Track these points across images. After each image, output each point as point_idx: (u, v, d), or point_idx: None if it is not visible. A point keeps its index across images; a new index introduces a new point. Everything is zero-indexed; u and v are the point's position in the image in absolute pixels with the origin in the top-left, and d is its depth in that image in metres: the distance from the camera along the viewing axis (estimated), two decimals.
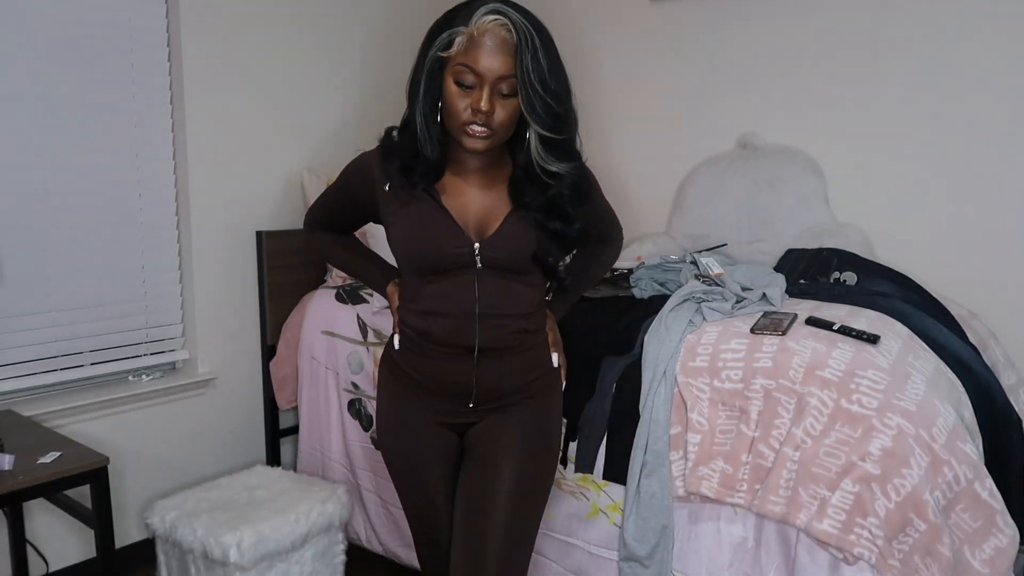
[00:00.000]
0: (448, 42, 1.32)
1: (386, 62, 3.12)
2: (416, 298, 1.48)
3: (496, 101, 1.34)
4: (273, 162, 2.78)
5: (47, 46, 2.24)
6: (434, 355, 1.48)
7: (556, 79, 1.35)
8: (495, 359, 1.47)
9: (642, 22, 2.98)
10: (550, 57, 1.34)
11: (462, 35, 1.31)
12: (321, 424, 2.57)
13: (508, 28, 1.31)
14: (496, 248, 1.42)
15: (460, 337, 1.45)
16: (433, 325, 1.45)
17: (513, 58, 1.31)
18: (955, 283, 2.40)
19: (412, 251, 1.45)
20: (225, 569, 2.01)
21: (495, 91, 1.33)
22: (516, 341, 1.48)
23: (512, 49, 1.31)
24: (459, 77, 1.33)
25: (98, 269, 2.40)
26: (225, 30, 2.59)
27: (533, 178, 1.43)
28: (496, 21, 1.30)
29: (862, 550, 1.55)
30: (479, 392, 1.49)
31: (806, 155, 2.64)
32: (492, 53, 1.30)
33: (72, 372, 2.38)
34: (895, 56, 2.49)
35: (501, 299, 1.45)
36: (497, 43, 1.30)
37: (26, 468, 1.76)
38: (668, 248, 2.75)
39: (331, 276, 2.78)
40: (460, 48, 1.32)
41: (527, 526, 1.52)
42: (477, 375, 1.47)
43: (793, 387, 1.69)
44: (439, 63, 1.35)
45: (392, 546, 2.40)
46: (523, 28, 1.31)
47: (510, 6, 1.33)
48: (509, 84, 1.33)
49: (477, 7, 1.31)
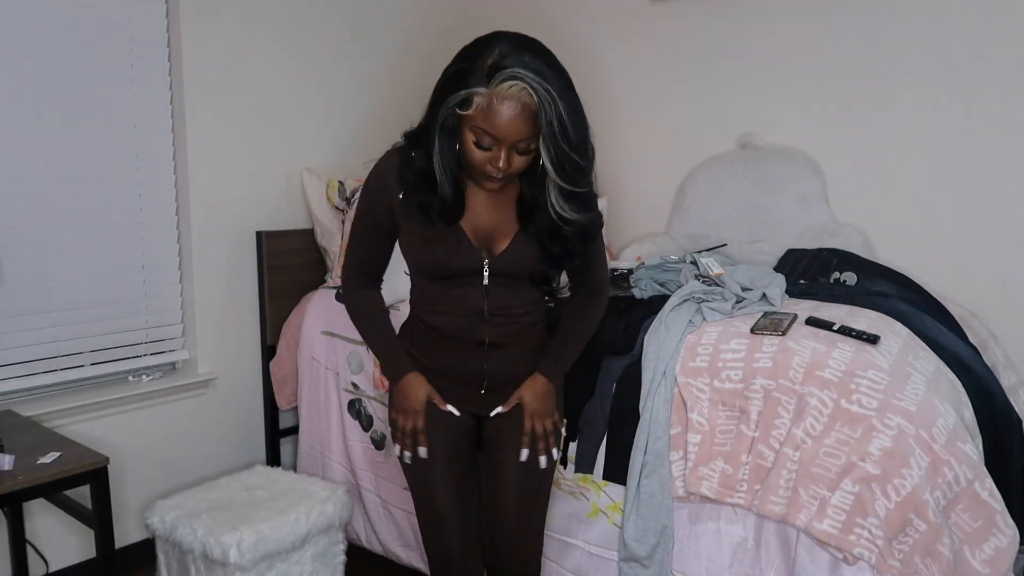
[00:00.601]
0: (466, 100, 1.33)
1: (386, 62, 3.12)
2: (428, 298, 1.59)
3: (514, 156, 1.38)
4: (273, 162, 2.78)
5: (47, 46, 2.24)
6: (447, 348, 1.59)
7: (579, 134, 1.35)
8: (503, 349, 1.59)
9: (642, 22, 2.98)
10: (571, 111, 1.33)
11: (481, 97, 1.31)
12: (321, 424, 2.57)
13: (528, 92, 1.30)
14: (504, 264, 1.52)
15: (469, 333, 1.56)
16: (444, 322, 1.57)
17: (533, 124, 1.33)
18: (955, 283, 2.39)
19: (422, 261, 1.55)
20: (225, 569, 2.01)
21: (513, 148, 1.36)
22: (522, 334, 1.60)
23: (532, 116, 1.32)
24: (478, 139, 1.35)
25: (98, 269, 2.40)
26: (225, 30, 2.59)
27: (541, 206, 1.48)
28: (515, 86, 1.29)
29: (862, 550, 1.55)
30: (490, 379, 1.60)
31: (806, 155, 2.64)
32: (512, 121, 1.31)
33: (72, 372, 2.38)
34: (895, 56, 2.49)
35: (507, 301, 1.56)
36: (518, 111, 1.31)
37: (26, 468, 1.77)
38: (668, 248, 2.75)
39: (331, 276, 2.78)
40: (478, 111, 1.32)
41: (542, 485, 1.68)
42: (488, 365, 1.59)
43: (793, 387, 1.69)
44: (457, 118, 1.36)
45: (392, 546, 2.40)
46: (543, 92, 1.29)
47: (526, 56, 1.30)
48: (528, 143, 1.36)
49: (496, 70, 1.30)
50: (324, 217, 2.78)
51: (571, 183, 1.40)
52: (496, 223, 1.52)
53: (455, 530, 1.63)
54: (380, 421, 2.40)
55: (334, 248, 2.79)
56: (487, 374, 1.59)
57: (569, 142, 1.33)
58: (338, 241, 2.78)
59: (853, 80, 2.56)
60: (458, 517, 1.64)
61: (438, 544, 1.66)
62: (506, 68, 1.29)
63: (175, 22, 2.49)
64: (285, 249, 2.76)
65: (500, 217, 1.52)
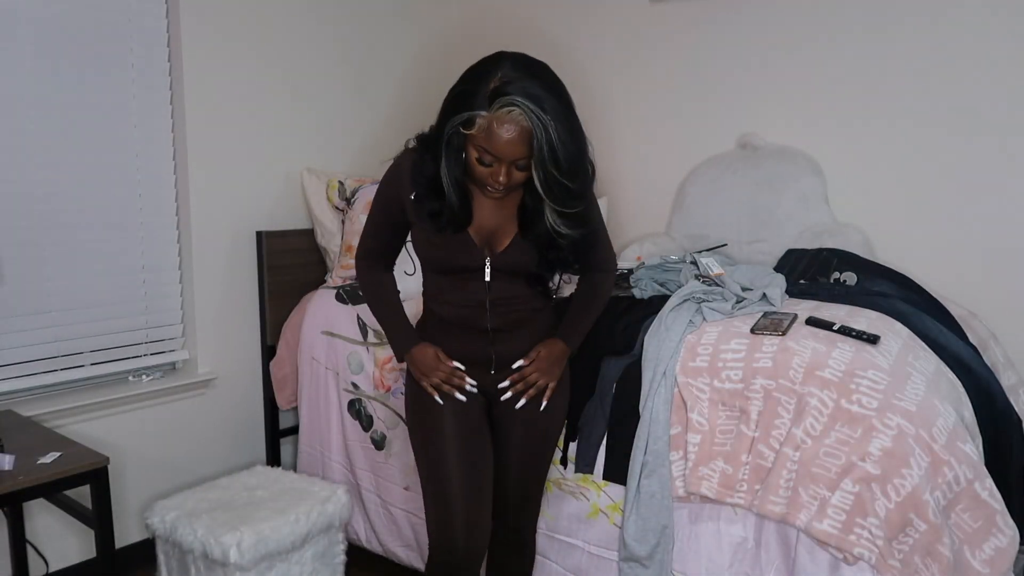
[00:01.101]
0: (469, 120, 1.44)
1: (386, 63, 3.12)
2: (437, 290, 1.73)
3: (513, 171, 1.49)
4: (273, 162, 2.78)
5: (47, 46, 2.24)
6: (456, 334, 1.71)
7: (570, 159, 1.44)
8: (507, 333, 1.70)
9: (642, 22, 2.98)
10: (565, 136, 1.42)
11: (482, 119, 1.43)
12: (321, 424, 2.57)
13: (524, 118, 1.41)
14: (504, 263, 1.64)
15: (474, 321, 1.68)
16: (451, 312, 1.70)
17: (528, 146, 1.43)
18: (955, 283, 2.40)
19: (430, 258, 1.69)
20: (225, 569, 2.01)
21: (513, 165, 1.48)
22: (525, 320, 1.72)
23: (528, 138, 1.42)
24: (480, 156, 1.47)
25: (98, 269, 2.40)
26: (225, 30, 2.59)
27: (539, 216, 1.58)
28: (513, 112, 1.40)
29: (862, 550, 1.55)
30: (497, 360, 1.72)
31: (806, 155, 2.64)
32: (511, 143, 1.43)
33: (72, 372, 2.38)
34: (895, 56, 2.49)
35: (508, 292, 1.67)
36: (515, 133, 1.42)
37: (26, 468, 1.77)
38: (668, 248, 2.75)
39: (331, 276, 2.78)
40: (480, 132, 1.44)
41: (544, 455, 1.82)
42: (493, 348, 1.71)
43: (793, 387, 1.69)
44: (462, 136, 1.48)
45: (392, 546, 2.40)
46: (537, 119, 1.39)
47: (527, 81, 1.41)
48: (527, 160, 1.47)
49: (496, 95, 1.41)
50: (324, 217, 2.79)
51: (560, 204, 1.51)
52: (498, 224, 1.64)
53: (461, 513, 1.66)
54: (380, 421, 2.40)
55: (334, 248, 2.79)
56: (494, 356, 1.71)
57: (559, 167, 1.43)
58: (338, 241, 2.78)
59: (853, 80, 2.56)
60: (465, 500, 1.66)
61: (443, 522, 1.67)
62: (506, 95, 1.40)
63: (175, 22, 2.49)
64: (285, 249, 2.76)
65: (503, 219, 1.64)
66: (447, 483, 1.67)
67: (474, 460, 1.70)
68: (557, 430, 1.83)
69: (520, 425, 1.75)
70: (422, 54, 3.26)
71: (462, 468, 1.68)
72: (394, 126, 3.17)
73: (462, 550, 1.66)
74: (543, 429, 1.78)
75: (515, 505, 1.81)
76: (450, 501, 1.66)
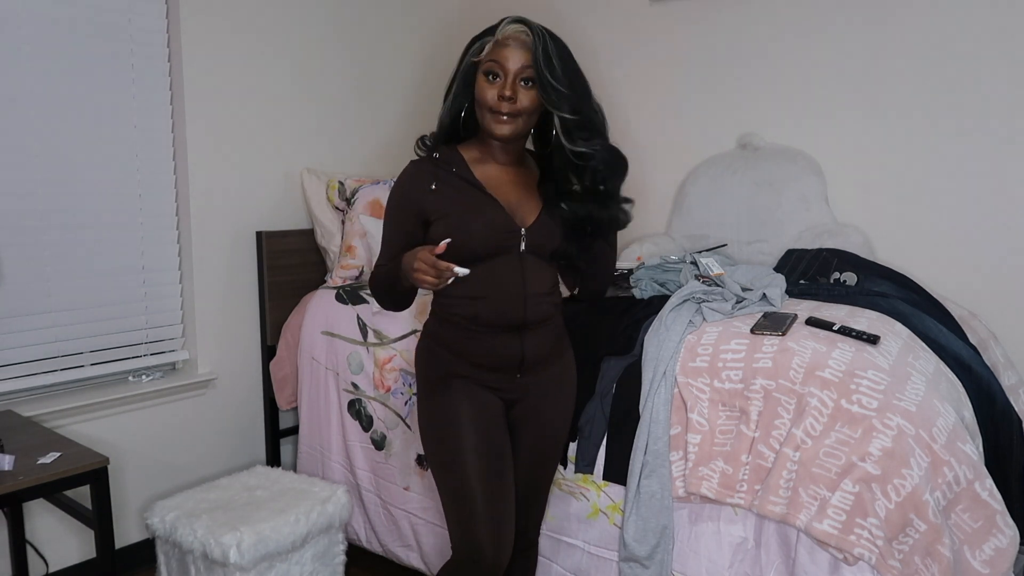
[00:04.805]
0: (480, 48, 1.62)
1: (386, 62, 3.12)
2: (462, 286, 1.59)
3: (518, 89, 1.58)
4: (273, 162, 2.78)
5: (47, 46, 2.24)
6: (483, 335, 1.64)
7: (568, 69, 1.59)
8: (536, 330, 1.67)
9: (642, 22, 2.98)
10: (563, 57, 1.60)
11: (490, 41, 1.61)
12: (321, 424, 2.57)
13: (527, 33, 1.59)
14: (537, 235, 1.63)
15: (508, 317, 1.63)
16: (482, 309, 1.63)
17: (531, 53, 1.58)
18: (955, 283, 2.40)
19: (466, 234, 1.57)
20: (225, 569, 2.01)
21: (517, 80, 1.58)
22: (550, 315, 1.70)
23: (530, 47, 1.58)
24: (487, 69, 1.60)
25: (98, 269, 2.40)
26: (225, 30, 2.59)
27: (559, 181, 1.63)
28: (517, 28, 1.59)
29: (862, 550, 1.54)
30: (526, 362, 1.67)
31: (806, 155, 2.64)
32: (514, 51, 1.58)
33: (72, 372, 2.38)
34: (896, 56, 2.49)
35: (540, 279, 1.66)
36: (519, 44, 1.59)
37: (26, 468, 1.77)
38: (668, 248, 2.75)
39: (331, 276, 2.78)
40: (488, 51, 1.60)
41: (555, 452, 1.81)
42: (523, 348, 1.66)
43: (793, 387, 1.69)
44: (472, 67, 1.62)
45: (392, 546, 2.40)
46: (539, 32, 1.59)
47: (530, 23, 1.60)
48: (529, 75, 1.58)
49: (504, 21, 1.61)
50: (324, 217, 2.79)
51: (555, 107, 1.58)
52: (522, 200, 1.66)
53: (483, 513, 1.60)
54: (380, 421, 2.40)
55: (334, 248, 2.79)
56: (524, 357, 1.66)
57: (552, 70, 1.56)
58: (338, 241, 2.78)
59: (853, 80, 2.56)
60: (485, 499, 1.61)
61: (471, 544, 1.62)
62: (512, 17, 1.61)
63: (175, 22, 2.49)
64: (285, 249, 2.76)
65: (525, 197, 1.67)
66: (473, 502, 1.61)
67: (500, 469, 1.64)
68: (566, 431, 1.82)
69: (535, 426, 1.73)
70: (423, 54, 3.26)
71: (490, 485, 1.61)
72: (395, 126, 3.17)
73: (491, 567, 1.62)
74: (555, 430, 1.78)
75: (524, 506, 1.78)
76: (477, 521, 1.60)
